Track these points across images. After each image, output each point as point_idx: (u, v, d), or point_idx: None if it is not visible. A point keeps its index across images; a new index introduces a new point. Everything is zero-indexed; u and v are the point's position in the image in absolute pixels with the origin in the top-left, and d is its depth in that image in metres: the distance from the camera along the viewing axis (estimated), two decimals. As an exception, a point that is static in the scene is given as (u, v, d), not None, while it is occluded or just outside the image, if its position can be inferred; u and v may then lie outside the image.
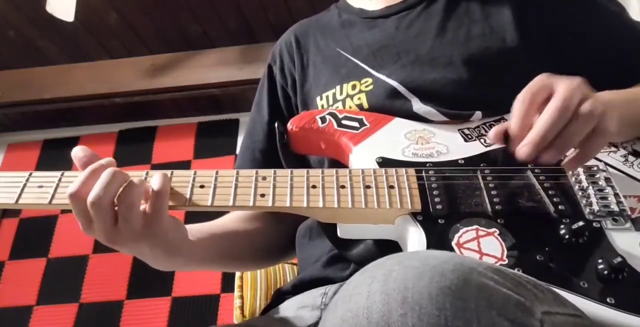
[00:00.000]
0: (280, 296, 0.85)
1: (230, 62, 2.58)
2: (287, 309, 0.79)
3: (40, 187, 0.68)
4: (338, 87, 0.87)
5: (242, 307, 1.15)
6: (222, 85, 2.57)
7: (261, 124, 0.99)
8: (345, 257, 0.76)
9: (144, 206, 0.64)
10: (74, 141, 2.88)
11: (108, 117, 2.90)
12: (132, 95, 2.64)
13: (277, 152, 0.82)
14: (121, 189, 0.62)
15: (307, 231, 0.87)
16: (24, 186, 0.69)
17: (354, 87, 0.86)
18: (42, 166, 2.81)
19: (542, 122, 0.62)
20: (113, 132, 2.89)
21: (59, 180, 0.69)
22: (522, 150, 0.63)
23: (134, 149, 2.81)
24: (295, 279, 0.84)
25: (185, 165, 2.68)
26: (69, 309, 2.35)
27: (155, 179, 0.65)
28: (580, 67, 0.83)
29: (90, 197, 0.61)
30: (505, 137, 0.68)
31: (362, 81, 0.86)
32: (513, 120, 0.65)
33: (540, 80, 0.65)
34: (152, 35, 2.55)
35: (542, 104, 0.64)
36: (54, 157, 2.84)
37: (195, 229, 0.81)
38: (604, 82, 0.73)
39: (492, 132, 0.68)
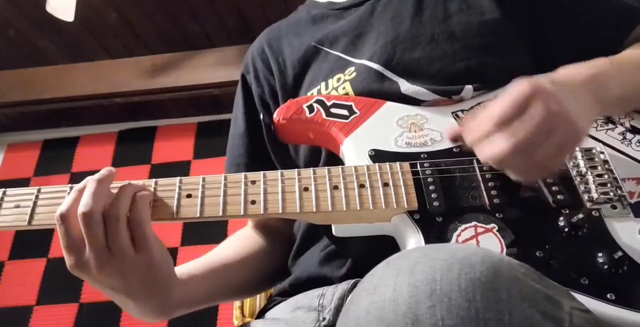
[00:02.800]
0: (276, 296, 0.84)
1: (230, 62, 2.57)
2: (283, 310, 0.78)
3: (17, 207, 0.64)
4: (323, 84, 0.85)
5: (241, 307, 1.15)
6: (222, 85, 2.57)
7: (240, 137, 0.95)
8: (342, 253, 0.75)
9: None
10: (74, 141, 2.88)
11: (108, 117, 2.89)
12: (132, 95, 2.63)
13: (262, 165, 0.80)
14: (109, 203, 0.60)
15: (305, 226, 0.86)
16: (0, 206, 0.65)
17: (338, 79, 0.84)
18: (42, 166, 2.80)
19: (496, 148, 0.58)
20: (113, 132, 2.88)
21: (36, 197, 0.65)
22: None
23: (134, 149, 2.80)
24: (292, 278, 0.83)
25: (185, 165, 2.67)
26: (69, 309, 2.34)
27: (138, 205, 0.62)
28: (556, 36, 0.82)
29: (81, 208, 0.59)
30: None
31: (346, 72, 0.84)
32: (472, 126, 0.61)
33: (518, 95, 0.58)
34: (152, 35, 2.55)
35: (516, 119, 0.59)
36: (54, 157, 2.83)
37: (187, 269, 0.78)
38: (582, 53, 0.72)
39: (450, 132, 0.66)
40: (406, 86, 0.78)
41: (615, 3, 0.83)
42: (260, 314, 0.86)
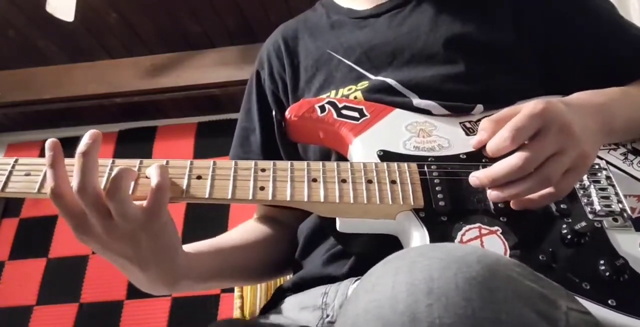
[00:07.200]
0: (281, 293, 0.84)
1: (230, 62, 2.57)
2: (290, 309, 0.78)
3: (28, 175, 0.65)
4: (333, 92, 0.86)
5: (242, 307, 1.15)
6: (222, 85, 2.57)
7: (253, 133, 0.95)
8: (345, 252, 0.76)
9: (141, 202, 0.62)
10: (73, 141, 2.86)
11: (108, 117, 2.89)
12: (132, 95, 2.64)
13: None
14: (109, 183, 0.59)
15: (308, 229, 0.86)
16: (10, 173, 0.65)
17: (349, 89, 0.84)
18: (42, 166, 2.81)
19: (508, 164, 0.60)
20: (113, 132, 2.88)
21: None
22: (472, 180, 0.63)
23: (134, 149, 2.80)
24: (295, 278, 0.83)
25: (185, 165, 2.68)
26: (69, 309, 2.35)
27: (153, 172, 0.62)
28: (571, 68, 0.84)
29: (75, 186, 0.59)
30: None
31: (359, 84, 0.84)
32: (492, 143, 0.63)
33: (537, 115, 0.60)
34: (152, 35, 2.55)
35: (529, 138, 0.61)
36: (54, 157, 2.84)
37: (193, 244, 0.78)
38: (596, 80, 0.73)
39: (475, 141, 0.67)
40: (418, 101, 0.79)
41: (634, 38, 0.84)
42: (264, 312, 0.86)
